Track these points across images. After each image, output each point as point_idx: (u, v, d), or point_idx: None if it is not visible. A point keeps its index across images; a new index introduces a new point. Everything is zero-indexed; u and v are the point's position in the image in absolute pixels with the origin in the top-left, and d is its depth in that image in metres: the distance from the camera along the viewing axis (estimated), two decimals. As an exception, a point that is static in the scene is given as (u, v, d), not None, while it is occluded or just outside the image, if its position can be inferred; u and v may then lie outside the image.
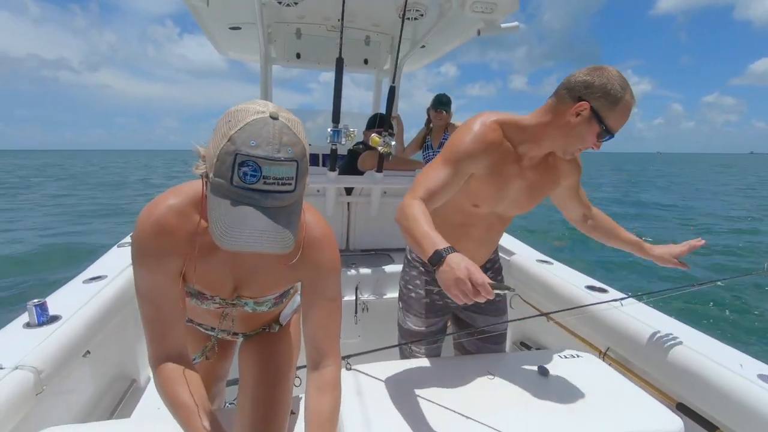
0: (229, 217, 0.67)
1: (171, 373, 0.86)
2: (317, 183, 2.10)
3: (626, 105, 1.10)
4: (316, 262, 0.93)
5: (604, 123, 1.10)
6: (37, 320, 1.47)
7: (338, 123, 1.86)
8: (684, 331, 1.64)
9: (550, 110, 1.17)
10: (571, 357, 1.50)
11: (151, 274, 0.85)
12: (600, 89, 1.08)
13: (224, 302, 0.98)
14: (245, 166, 0.66)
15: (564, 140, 1.17)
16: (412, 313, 1.51)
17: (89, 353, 1.65)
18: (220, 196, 0.68)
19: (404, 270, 1.57)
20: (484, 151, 1.17)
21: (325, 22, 2.81)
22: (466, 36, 2.78)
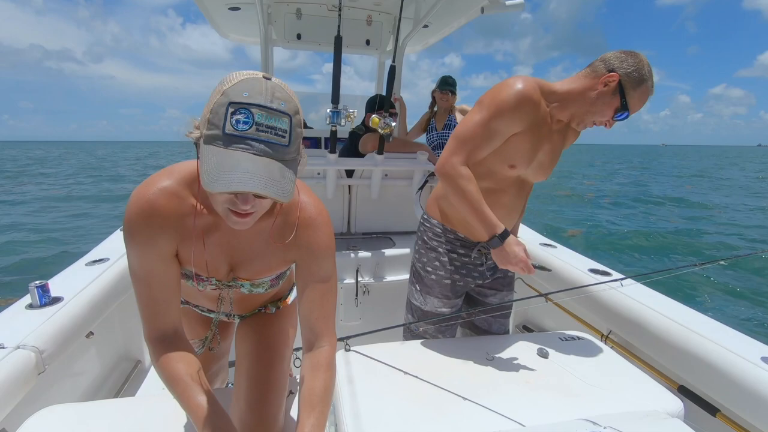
0: (221, 161, 0.65)
1: (167, 349, 0.87)
2: (318, 165, 2.08)
3: (647, 89, 1.21)
4: (310, 243, 0.93)
5: (625, 98, 1.20)
6: (39, 301, 1.48)
7: (338, 104, 1.83)
8: (686, 313, 1.62)
9: (582, 78, 1.26)
10: (572, 339, 1.50)
11: (143, 254, 0.85)
12: (632, 66, 1.19)
13: (220, 284, 0.98)
14: (238, 113, 0.66)
15: (587, 108, 1.25)
16: (434, 295, 1.49)
17: (92, 334, 1.66)
18: (213, 145, 0.67)
19: (419, 252, 1.53)
20: (529, 107, 1.23)
21: (325, 2, 2.75)
22: (470, 14, 2.71)
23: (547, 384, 1.20)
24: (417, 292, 1.54)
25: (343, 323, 2.06)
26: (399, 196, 2.31)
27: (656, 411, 1.09)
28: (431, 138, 3.50)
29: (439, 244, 1.48)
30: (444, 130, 3.42)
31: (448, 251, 1.47)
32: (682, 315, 1.59)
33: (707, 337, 1.43)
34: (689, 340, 1.47)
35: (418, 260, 1.54)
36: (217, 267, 0.95)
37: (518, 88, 1.22)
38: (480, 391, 1.12)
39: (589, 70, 1.26)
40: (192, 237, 0.86)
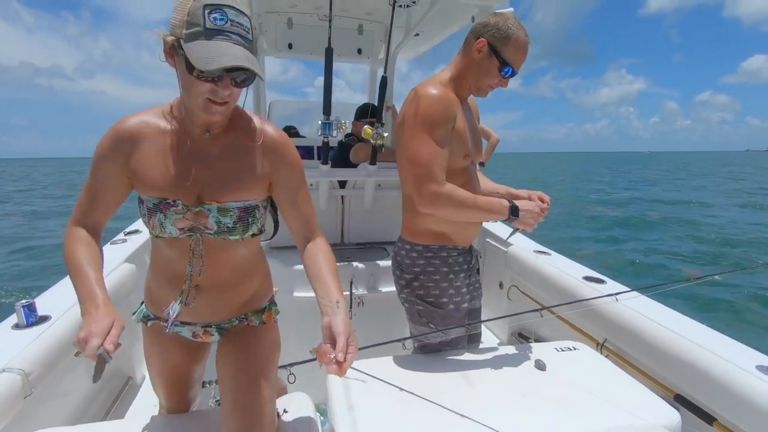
0: (212, 48, 0.81)
1: (78, 235, 0.99)
2: (310, 177, 2.06)
3: (519, 40, 1.28)
4: (285, 159, 1.06)
5: (501, 56, 1.28)
6: (26, 321, 1.45)
7: (329, 115, 1.82)
8: (682, 321, 1.62)
9: (462, 55, 1.36)
10: (568, 350, 1.49)
11: (107, 158, 0.97)
12: (494, 26, 1.28)
13: (187, 209, 0.98)
14: (214, 12, 0.81)
15: (476, 77, 1.34)
16: (455, 323, 1.43)
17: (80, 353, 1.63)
18: (198, 40, 0.82)
19: (425, 287, 1.41)
20: (451, 104, 1.30)
21: (316, 11, 2.75)
22: (461, 22, 2.72)
23: (545, 397, 1.19)
24: (433, 329, 1.42)
25: None
26: (392, 206, 2.30)
27: (653, 425, 1.09)
28: None
29: (450, 269, 1.42)
30: None
31: (458, 272, 1.43)
32: (678, 323, 1.59)
33: (702, 345, 1.43)
34: (685, 348, 1.47)
35: (426, 295, 1.42)
36: (184, 185, 0.97)
37: (434, 94, 1.28)
38: (477, 407, 1.11)
39: (464, 45, 1.36)
40: (161, 151, 0.97)
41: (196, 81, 0.85)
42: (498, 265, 2.69)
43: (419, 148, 1.27)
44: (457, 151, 1.35)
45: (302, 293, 2.00)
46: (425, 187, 1.27)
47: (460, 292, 1.44)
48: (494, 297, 2.68)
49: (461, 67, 1.36)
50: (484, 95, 1.40)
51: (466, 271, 1.47)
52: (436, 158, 1.27)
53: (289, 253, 2.21)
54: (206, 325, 1.15)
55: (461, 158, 1.37)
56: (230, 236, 1.03)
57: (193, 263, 1.03)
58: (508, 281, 2.63)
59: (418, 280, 1.44)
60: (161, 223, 0.98)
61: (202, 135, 0.98)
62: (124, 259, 2.14)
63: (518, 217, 1.32)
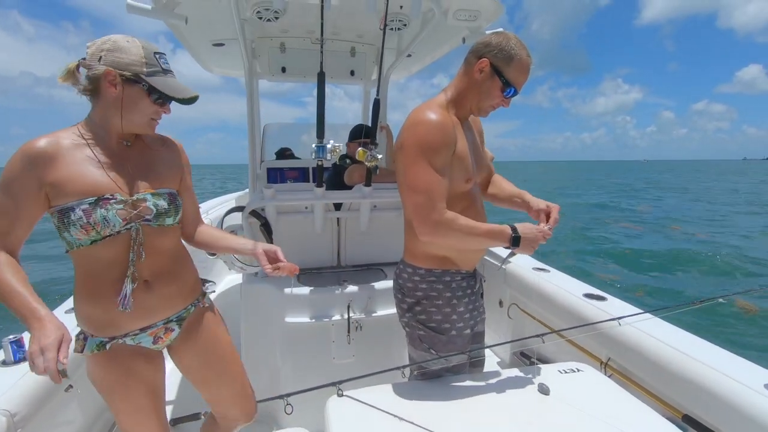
0: (174, 84, 1.14)
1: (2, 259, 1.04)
2: (305, 200, 2.05)
3: (521, 60, 1.27)
4: (184, 158, 1.34)
5: (504, 77, 1.27)
6: (13, 357, 1.41)
7: (323, 138, 1.81)
8: (687, 339, 1.59)
9: (462, 75, 1.34)
10: (572, 371, 1.45)
11: (21, 178, 1.04)
12: (496, 47, 1.26)
13: (125, 201, 1.12)
14: (161, 57, 1.13)
15: (477, 98, 1.32)
16: (457, 350, 1.40)
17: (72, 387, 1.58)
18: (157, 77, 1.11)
19: (427, 311, 1.39)
20: (449, 129, 1.27)
21: (309, 35, 2.78)
22: (452, 43, 2.75)
23: (550, 424, 1.16)
24: (435, 355, 1.39)
25: (336, 362, 1.99)
26: (388, 227, 2.28)
27: None
28: None
29: (453, 294, 1.39)
30: None
31: (461, 297, 1.40)
32: (683, 341, 1.57)
33: (709, 364, 1.40)
34: (691, 367, 1.44)
35: (428, 320, 1.39)
36: (121, 179, 1.14)
37: (433, 119, 1.25)
38: None
39: (464, 65, 1.34)
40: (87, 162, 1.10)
41: (149, 104, 1.12)
42: (497, 282, 2.66)
43: (418, 176, 1.24)
44: (459, 175, 1.32)
45: (295, 318, 1.96)
46: (425, 216, 1.24)
47: (463, 318, 1.40)
48: (494, 315, 2.65)
49: (462, 87, 1.34)
50: (485, 115, 1.39)
51: (470, 296, 1.43)
52: (436, 186, 1.24)
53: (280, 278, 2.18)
54: (167, 321, 1.26)
55: (463, 182, 1.34)
56: (167, 219, 1.19)
57: (134, 250, 1.13)
58: (507, 299, 2.60)
59: (420, 305, 1.41)
60: (104, 218, 1.08)
61: (120, 144, 1.17)
62: None
63: (519, 246, 1.29)
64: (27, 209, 1.05)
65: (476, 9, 2.13)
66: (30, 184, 1.04)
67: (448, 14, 2.14)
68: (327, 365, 2.00)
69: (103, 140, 1.14)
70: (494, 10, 2.18)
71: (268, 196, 1.95)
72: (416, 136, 1.25)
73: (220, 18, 2.30)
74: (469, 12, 2.13)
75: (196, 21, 2.23)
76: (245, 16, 2.16)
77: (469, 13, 2.14)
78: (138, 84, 1.09)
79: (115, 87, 1.08)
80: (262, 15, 2.09)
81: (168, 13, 1.97)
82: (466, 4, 2.11)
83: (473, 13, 2.16)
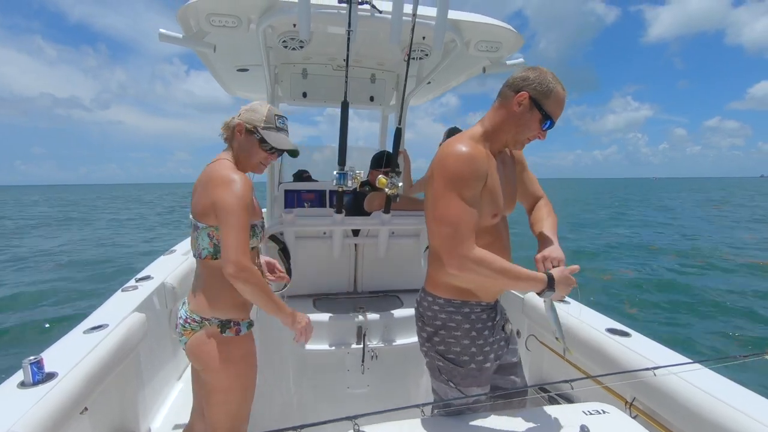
0: (280, 137, 1.54)
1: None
2: (324, 225, 2.05)
3: (559, 94, 1.30)
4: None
5: (543, 109, 1.28)
6: (32, 379, 1.41)
7: (344, 166, 1.83)
8: (720, 383, 1.52)
9: (498, 108, 1.35)
10: (597, 413, 1.39)
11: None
12: (535, 80, 1.28)
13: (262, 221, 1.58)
14: (280, 120, 1.54)
15: (515, 130, 1.33)
16: (478, 384, 1.39)
17: (87, 410, 1.57)
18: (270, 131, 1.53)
19: (446, 342, 1.39)
20: (481, 162, 1.28)
21: (330, 62, 2.84)
22: (472, 72, 2.78)
23: None
24: (453, 388, 1.38)
25: (350, 391, 1.95)
26: (406, 254, 2.27)
27: None
28: None
29: (472, 326, 1.37)
30: None
31: (481, 330, 1.38)
32: (716, 386, 1.49)
33: (743, 410, 1.33)
34: (722, 413, 1.37)
35: (447, 351, 1.38)
36: (257, 208, 1.56)
37: (464, 152, 1.26)
38: None
39: (500, 99, 1.35)
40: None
41: (261, 151, 1.53)
42: (515, 312, 2.60)
43: (448, 208, 1.24)
44: (487, 209, 1.32)
45: (309, 345, 1.94)
46: (452, 249, 1.24)
47: (483, 351, 1.38)
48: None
49: (498, 120, 1.34)
50: (520, 148, 1.41)
51: (490, 328, 1.40)
52: (465, 218, 1.24)
53: (296, 303, 2.17)
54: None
55: (489, 216, 1.34)
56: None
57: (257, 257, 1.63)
58: (525, 330, 2.54)
59: (438, 335, 1.39)
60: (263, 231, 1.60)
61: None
62: (134, 308, 2.12)
63: (554, 290, 1.27)
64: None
65: (498, 41, 2.16)
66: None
67: (469, 45, 2.17)
68: (341, 394, 1.96)
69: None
70: (515, 41, 2.20)
71: (287, 221, 1.96)
72: (447, 167, 1.26)
73: (246, 45, 2.37)
74: (490, 43, 2.16)
75: (222, 48, 2.30)
76: (271, 44, 2.22)
77: (490, 44, 2.17)
78: (257, 135, 1.50)
79: (241, 133, 1.50)
80: (287, 44, 2.14)
81: (198, 41, 2.04)
82: (487, 36, 2.14)
83: (494, 45, 2.18)
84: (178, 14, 1.92)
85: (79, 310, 6.35)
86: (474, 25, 2.07)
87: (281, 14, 1.89)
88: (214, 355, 1.47)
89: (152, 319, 2.19)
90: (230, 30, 1.95)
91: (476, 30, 2.10)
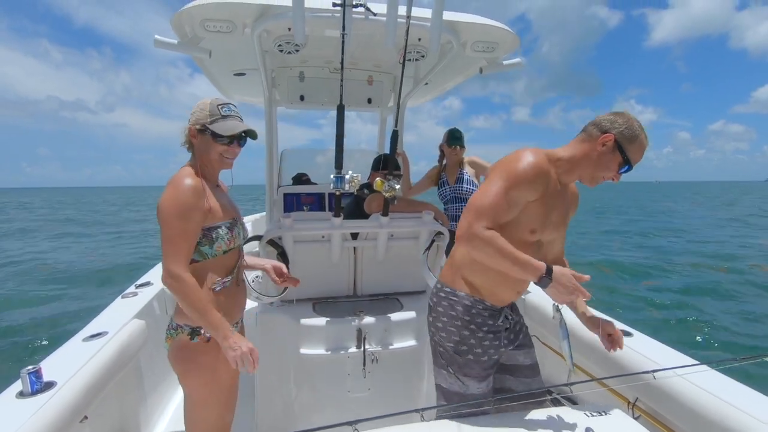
0: (228, 123, 1.44)
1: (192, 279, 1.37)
2: (322, 229, 2.05)
3: (642, 141, 1.34)
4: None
5: (625, 153, 1.32)
6: (31, 389, 1.40)
7: (341, 169, 1.82)
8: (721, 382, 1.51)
9: (580, 142, 1.39)
10: (599, 414, 1.38)
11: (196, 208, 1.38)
12: (622, 125, 1.32)
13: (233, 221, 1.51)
14: (224, 107, 1.45)
15: (593, 168, 1.36)
16: (474, 376, 1.45)
17: (87, 418, 1.57)
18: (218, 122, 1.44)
19: (447, 330, 1.46)
20: (543, 178, 1.33)
21: (327, 65, 2.84)
22: (469, 73, 2.77)
23: None
24: (451, 375, 1.46)
25: (351, 395, 1.94)
26: (405, 257, 2.26)
27: None
28: (444, 192, 3.48)
29: (472, 317, 1.44)
30: (456, 183, 3.39)
31: (480, 325, 1.44)
32: (715, 383, 1.48)
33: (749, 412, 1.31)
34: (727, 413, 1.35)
35: (447, 339, 1.46)
36: (226, 208, 1.50)
37: (532, 160, 1.31)
38: None
39: (584, 135, 1.39)
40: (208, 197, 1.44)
41: (218, 145, 1.43)
42: None
43: (489, 191, 1.31)
44: (525, 221, 1.36)
45: (310, 350, 1.93)
46: (470, 225, 1.30)
47: (482, 345, 1.44)
48: None
49: (578, 154, 1.38)
50: (593, 185, 1.42)
51: (491, 326, 1.45)
52: (496, 205, 1.30)
53: (296, 308, 2.16)
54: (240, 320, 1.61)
55: (527, 231, 1.37)
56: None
57: (240, 259, 1.56)
58: None
59: (440, 321, 1.48)
60: (238, 233, 1.52)
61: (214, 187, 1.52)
62: (134, 314, 2.11)
63: (551, 284, 1.28)
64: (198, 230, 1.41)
65: (494, 41, 2.15)
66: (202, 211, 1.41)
67: (466, 46, 2.16)
68: (342, 398, 1.95)
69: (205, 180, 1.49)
70: (511, 41, 2.19)
71: (285, 225, 1.96)
72: (510, 164, 1.33)
73: (242, 49, 2.37)
74: (486, 43, 2.15)
75: (218, 53, 2.30)
76: (266, 48, 2.22)
77: (486, 44, 2.16)
78: (207, 132, 1.43)
79: (195, 137, 1.45)
80: (283, 48, 2.14)
81: (193, 47, 2.03)
82: (483, 36, 2.13)
83: (491, 45, 2.18)
84: (172, 20, 1.92)
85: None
86: (470, 25, 2.06)
87: (276, 19, 1.88)
88: (182, 363, 1.44)
89: (152, 326, 2.18)
90: (225, 35, 1.95)
91: (472, 30, 2.10)
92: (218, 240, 1.43)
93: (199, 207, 1.38)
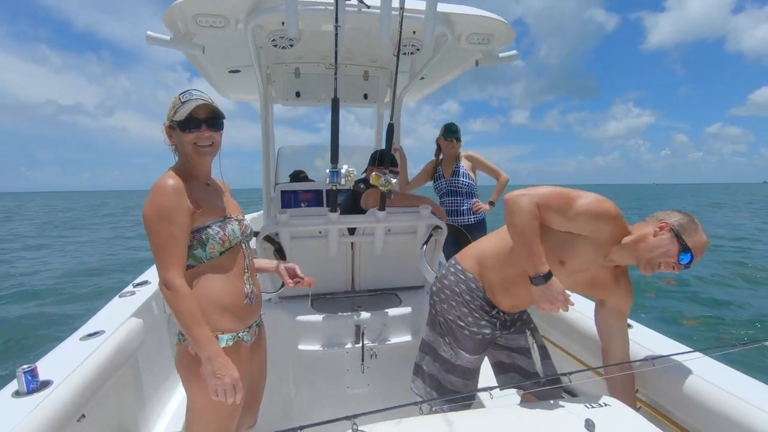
0: (185, 105, 1.33)
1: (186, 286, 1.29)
2: (319, 225, 2.03)
3: (701, 237, 1.35)
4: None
5: (683, 240, 1.33)
6: (27, 388, 1.39)
7: (337, 164, 1.81)
8: (719, 370, 1.50)
9: (639, 229, 1.42)
10: (599, 406, 1.37)
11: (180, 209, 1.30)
12: (681, 218, 1.37)
13: (228, 219, 1.43)
14: (185, 94, 1.36)
15: (649, 251, 1.37)
16: (466, 350, 1.56)
17: (84, 417, 1.56)
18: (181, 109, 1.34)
19: (449, 303, 1.58)
20: (605, 227, 1.37)
21: (322, 60, 2.82)
22: (464, 66, 2.76)
23: None
24: (446, 344, 1.57)
25: (350, 391, 1.93)
26: (403, 252, 2.25)
27: None
28: (440, 186, 3.47)
29: (472, 299, 1.56)
30: (452, 177, 3.39)
31: (479, 307, 1.56)
32: (714, 371, 1.47)
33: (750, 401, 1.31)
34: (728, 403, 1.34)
35: (447, 311, 1.58)
36: (217, 207, 1.43)
37: (607, 204, 1.39)
38: None
39: (643, 222, 1.44)
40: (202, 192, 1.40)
41: (188, 134, 1.33)
42: None
43: (562, 190, 1.39)
44: (561, 248, 1.41)
45: (308, 346, 1.92)
46: (528, 195, 1.36)
47: (479, 324, 1.55)
48: None
49: (636, 238, 1.41)
50: (649, 271, 1.40)
51: (489, 312, 1.57)
52: (559, 206, 1.36)
53: (294, 304, 2.15)
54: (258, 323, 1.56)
55: (557, 259, 1.42)
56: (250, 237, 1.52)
57: (247, 258, 1.45)
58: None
59: (444, 293, 1.60)
60: (233, 230, 1.40)
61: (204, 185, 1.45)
62: (131, 313, 2.10)
63: (542, 285, 1.35)
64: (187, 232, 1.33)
65: (489, 33, 2.13)
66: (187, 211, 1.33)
67: (461, 38, 2.15)
68: (341, 394, 1.95)
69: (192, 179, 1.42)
70: (507, 33, 2.18)
71: (281, 221, 1.94)
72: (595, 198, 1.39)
73: (236, 46, 2.35)
74: (481, 36, 2.14)
75: (212, 50, 2.28)
76: (261, 43, 2.20)
77: (481, 36, 2.15)
78: (175, 125, 1.35)
79: (170, 137, 1.39)
80: (277, 43, 2.12)
81: (186, 43, 2.02)
82: (478, 28, 2.11)
83: (486, 37, 2.16)
84: (164, 16, 1.90)
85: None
86: (464, 17, 2.05)
87: (268, 13, 1.87)
88: (185, 370, 1.38)
89: (150, 325, 2.17)
90: (218, 30, 1.93)
91: (467, 22, 2.08)
92: (210, 240, 1.35)
93: (182, 207, 1.30)
